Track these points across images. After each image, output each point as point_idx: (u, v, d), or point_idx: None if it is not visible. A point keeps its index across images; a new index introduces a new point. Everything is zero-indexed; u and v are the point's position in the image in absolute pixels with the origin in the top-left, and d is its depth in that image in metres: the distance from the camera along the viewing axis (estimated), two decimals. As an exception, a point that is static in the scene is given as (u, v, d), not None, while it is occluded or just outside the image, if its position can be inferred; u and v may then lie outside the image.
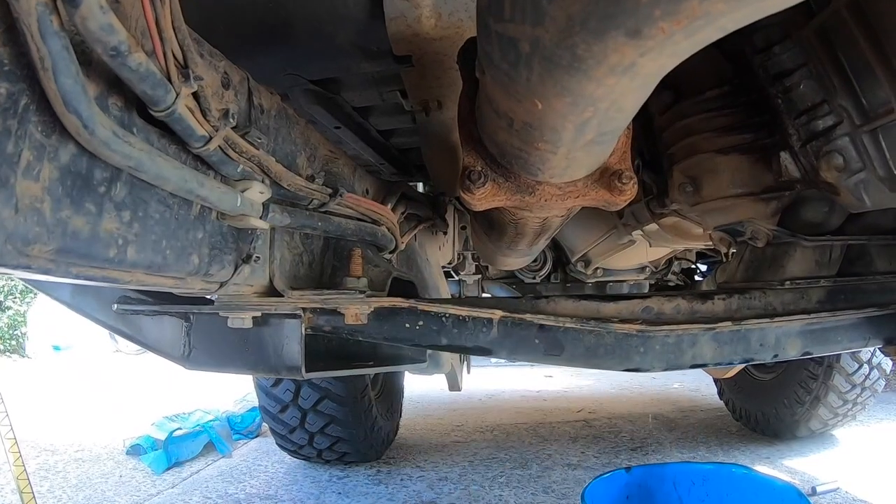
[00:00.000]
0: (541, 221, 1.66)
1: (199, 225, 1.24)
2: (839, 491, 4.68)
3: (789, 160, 1.83)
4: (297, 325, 1.71)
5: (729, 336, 1.89)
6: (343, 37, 1.64)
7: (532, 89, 0.77)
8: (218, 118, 1.06)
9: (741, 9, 0.55)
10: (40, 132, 0.81)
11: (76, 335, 14.58)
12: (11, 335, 14.82)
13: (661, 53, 0.62)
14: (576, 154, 1.02)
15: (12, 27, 0.75)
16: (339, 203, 1.58)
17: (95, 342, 14.67)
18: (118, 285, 1.12)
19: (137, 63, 0.83)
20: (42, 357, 14.45)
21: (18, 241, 0.80)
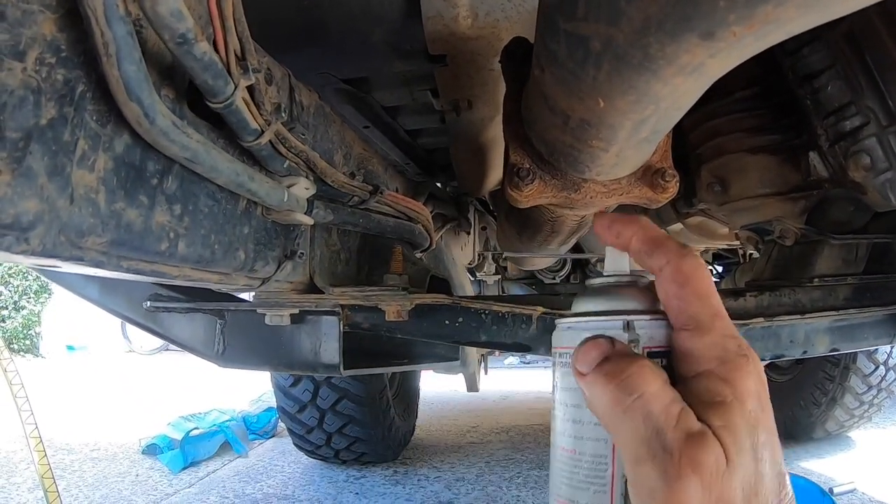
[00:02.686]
0: (579, 219, 1.67)
1: (246, 220, 1.25)
2: (856, 492, 4.67)
3: (818, 160, 1.84)
4: (336, 323, 1.71)
5: (760, 332, 1.90)
6: (378, 36, 1.65)
7: (597, 87, 0.78)
8: (270, 112, 1.07)
9: (810, 14, 0.56)
10: (95, 121, 0.81)
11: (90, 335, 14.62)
12: (26, 335, 14.85)
13: (728, 55, 0.63)
14: (627, 152, 1.03)
15: (71, 12, 0.75)
16: (379, 201, 1.59)
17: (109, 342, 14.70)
18: (165, 280, 1.12)
19: (202, 52, 0.83)
20: (56, 357, 14.49)
21: (72, 233, 0.80)
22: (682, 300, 0.72)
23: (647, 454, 0.67)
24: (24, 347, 14.71)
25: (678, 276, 0.73)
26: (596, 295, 0.79)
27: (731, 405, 0.67)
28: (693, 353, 0.71)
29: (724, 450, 0.65)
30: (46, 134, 0.74)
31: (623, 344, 0.73)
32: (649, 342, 0.74)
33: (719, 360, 0.69)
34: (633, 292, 0.78)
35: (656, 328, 0.74)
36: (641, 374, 0.69)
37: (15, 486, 5.40)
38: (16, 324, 14.80)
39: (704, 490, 0.64)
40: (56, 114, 0.75)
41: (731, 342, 0.70)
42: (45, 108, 0.73)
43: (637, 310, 0.76)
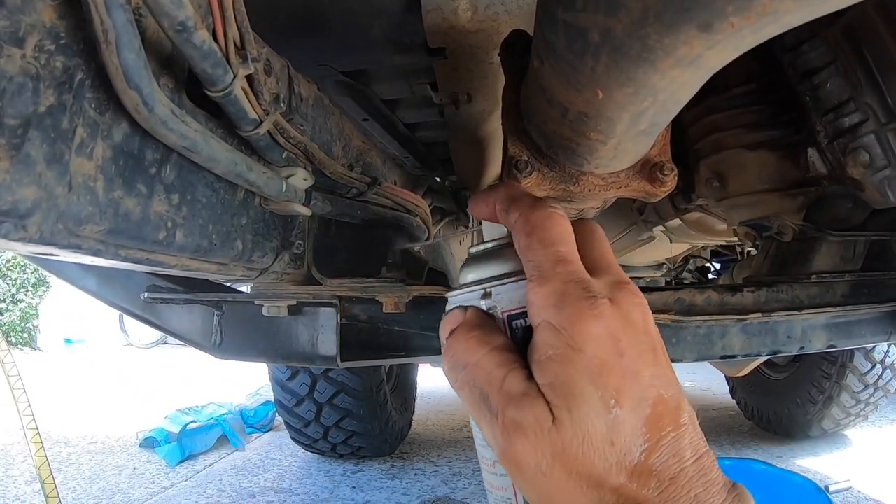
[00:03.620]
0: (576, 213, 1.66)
1: (244, 210, 1.25)
2: (851, 490, 4.69)
3: (816, 156, 1.84)
4: (333, 314, 1.72)
5: (758, 328, 1.90)
6: (377, 29, 1.64)
7: (596, 79, 0.78)
8: (269, 102, 1.07)
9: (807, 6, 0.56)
10: (94, 109, 0.80)
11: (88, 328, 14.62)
12: (23, 328, 14.86)
13: (726, 47, 0.63)
14: (625, 145, 1.03)
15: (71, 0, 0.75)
16: (377, 192, 1.59)
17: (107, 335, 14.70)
18: (162, 270, 1.12)
19: (201, 40, 0.83)
20: (53, 350, 14.49)
21: (70, 221, 0.79)
22: (527, 249, 0.72)
23: (478, 417, 0.71)
24: (21, 340, 14.72)
25: (525, 227, 0.72)
26: (470, 264, 0.81)
27: (562, 357, 0.66)
28: (535, 304, 0.70)
29: (550, 406, 0.66)
30: (45, 121, 0.73)
31: (474, 314, 0.75)
32: (509, 305, 0.74)
33: (556, 307, 0.68)
34: (500, 256, 0.78)
35: (515, 290, 0.74)
36: (466, 346, 0.72)
37: (12, 478, 5.41)
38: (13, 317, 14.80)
39: (534, 448, 0.66)
40: (55, 101, 0.75)
41: (573, 287, 0.68)
42: (43, 95, 0.73)
43: (499, 275, 0.76)
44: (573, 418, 0.65)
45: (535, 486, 0.68)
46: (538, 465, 0.66)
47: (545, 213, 0.73)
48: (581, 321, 0.67)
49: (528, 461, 0.67)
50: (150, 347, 14.91)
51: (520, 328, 0.74)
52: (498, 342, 0.72)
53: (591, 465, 0.65)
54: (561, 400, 0.66)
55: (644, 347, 0.70)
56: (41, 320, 15.13)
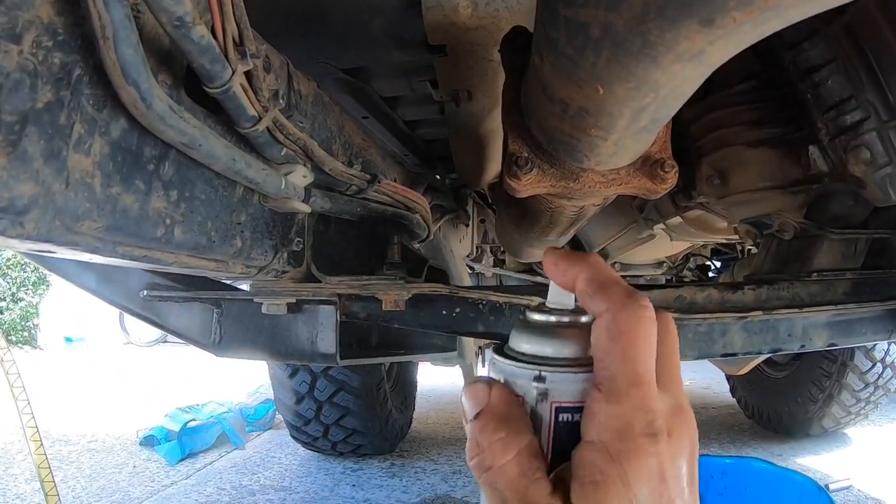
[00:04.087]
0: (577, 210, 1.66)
1: (243, 207, 1.25)
2: (852, 489, 4.68)
3: (818, 154, 1.83)
4: (332, 312, 1.71)
5: (759, 325, 1.90)
6: (377, 25, 1.64)
7: (596, 74, 0.77)
8: (268, 98, 1.07)
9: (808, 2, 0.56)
10: (92, 105, 0.80)
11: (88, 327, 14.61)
12: (24, 326, 14.84)
13: (727, 42, 0.63)
14: (626, 141, 1.03)
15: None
16: (377, 190, 1.59)
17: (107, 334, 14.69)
18: (161, 267, 1.11)
19: (199, 36, 0.82)
20: (54, 348, 14.48)
21: (68, 217, 0.79)
22: (607, 355, 0.66)
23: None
24: (22, 339, 14.69)
25: (611, 328, 0.66)
26: (526, 331, 0.73)
27: (608, 486, 0.63)
28: (596, 418, 0.65)
29: None
30: (42, 117, 0.73)
31: (502, 400, 0.70)
32: (561, 396, 0.68)
33: (619, 434, 0.63)
34: (563, 336, 0.71)
35: (573, 382, 0.68)
36: (491, 447, 0.67)
37: (12, 476, 5.41)
38: (14, 315, 14.78)
39: None
40: (52, 97, 0.74)
41: (640, 417, 0.64)
42: (41, 91, 0.73)
43: (558, 358, 0.70)
44: None
45: None
46: None
47: (636, 317, 0.66)
48: (638, 457, 0.63)
49: None
50: (151, 346, 14.89)
51: (565, 422, 0.68)
52: (524, 443, 0.67)
53: None
54: None
55: (683, 485, 0.67)
56: (41, 319, 15.10)
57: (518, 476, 0.66)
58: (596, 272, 0.70)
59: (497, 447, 0.66)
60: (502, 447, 0.66)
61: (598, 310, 0.67)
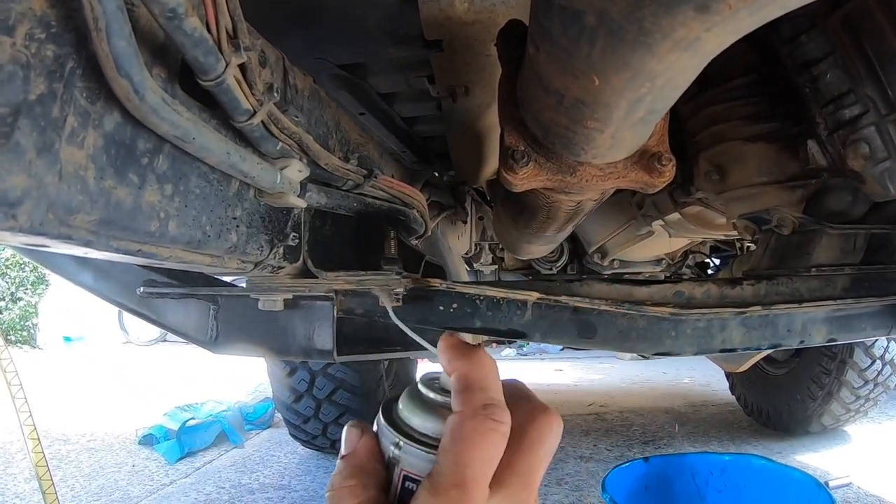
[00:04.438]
0: (574, 205, 1.66)
1: (238, 202, 1.24)
2: (851, 486, 4.68)
3: (816, 148, 1.83)
4: (329, 308, 1.71)
5: (758, 321, 1.89)
6: (373, 20, 1.63)
7: (592, 64, 0.77)
8: (263, 92, 1.06)
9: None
10: (85, 98, 0.80)
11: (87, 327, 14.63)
12: (23, 326, 14.86)
13: (724, 29, 0.62)
14: (622, 133, 1.02)
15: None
16: (374, 185, 1.58)
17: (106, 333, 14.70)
18: (156, 261, 1.11)
19: (192, 28, 0.82)
20: (53, 348, 14.49)
21: (61, 210, 0.79)
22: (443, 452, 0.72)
23: None
24: (21, 339, 14.71)
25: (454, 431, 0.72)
26: (409, 397, 0.81)
27: None
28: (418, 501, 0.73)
29: None
30: (35, 110, 0.73)
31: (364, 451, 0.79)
32: (410, 468, 0.75)
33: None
34: (432, 414, 0.78)
35: (422, 459, 0.75)
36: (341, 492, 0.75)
37: (11, 476, 5.42)
38: (13, 315, 14.80)
39: None
40: (45, 89, 0.74)
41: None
42: (34, 83, 0.72)
43: (418, 432, 0.77)
44: None
45: None
46: None
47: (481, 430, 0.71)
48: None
49: None
50: (150, 345, 14.91)
51: (409, 490, 0.75)
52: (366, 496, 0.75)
53: None
54: None
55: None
56: (40, 318, 15.13)
57: None
58: (470, 372, 0.76)
59: (345, 493, 0.75)
60: (349, 493, 0.75)
61: (455, 408, 0.73)
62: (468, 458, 0.70)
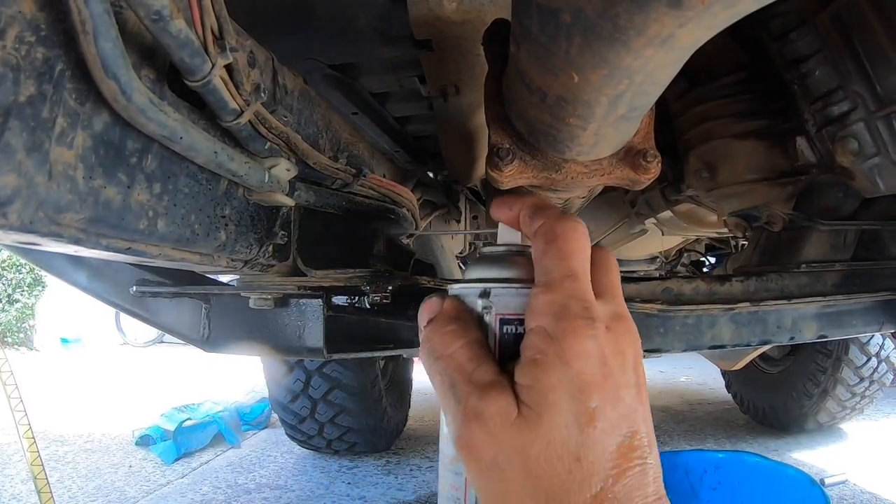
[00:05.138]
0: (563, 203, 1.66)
1: (227, 201, 1.25)
2: (847, 483, 4.69)
3: (805, 145, 1.84)
4: (319, 306, 1.72)
5: (747, 317, 1.90)
6: (363, 20, 1.64)
7: (570, 61, 0.78)
8: (250, 92, 1.07)
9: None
10: (74, 99, 0.81)
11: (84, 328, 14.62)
12: (20, 328, 14.83)
13: (698, 25, 0.63)
14: (605, 130, 1.03)
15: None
16: (363, 184, 1.59)
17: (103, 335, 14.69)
18: (146, 260, 1.12)
19: (178, 29, 0.83)
20: (50, 350, 14.47)
21: (50, 209, 0.80)
22: (543, 256, 0.74)
23: (445, 405, 0.74)
24: (18, 340, 14.68)
25: (547, 234, 0.74)
26: (477, 263, 0.82)
27: (547, 364, 0.68)
28: (535, 308, 0.71)
29: (519, 403, 0.68)
30: (25, 111, 0.74)
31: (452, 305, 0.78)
32: (504, 309, 0.76)
33: (555, 317, 0.69)
34: (509, 262, 0.80)
35: (514, 296, 0.76)
36: (442, 338, 0.75)
37: (8, 477, 5.42)
38: (10, 317, 14.77)
39: (489, 437, 0.68)
40: (35, 91, 0.75)
41: (576, 303, 0.70)
42: (23, 85, 0.73)
43: (501, 277, 0.78)
44: (542, 421, 0.66)
45: (490, 481, 0.69)
46: (495, 458, 0.68)
47: (569, 226, 0.74)
48: (575, 336, 0.68)
49: (485, 452, 0.68)
50: (147, 346, 14.90)
51: (510, 334, 0.75)
52: (473, 336, 0.74)
53: (554, 474, 0.66)
54: (534, 403, 0.67)
55: (630, 380, 0.71)
56: (37, 320, 15.10)
57: (466, 360, 0.72)
58: (533, 201, 0.80)
59: (448, 337, 0.75)
60: (452, 337, 0.74)
61: (536, 226, 0.76)
62: (569, 249, 0.73)
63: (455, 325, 0.75)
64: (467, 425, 0.69)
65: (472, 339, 0.74)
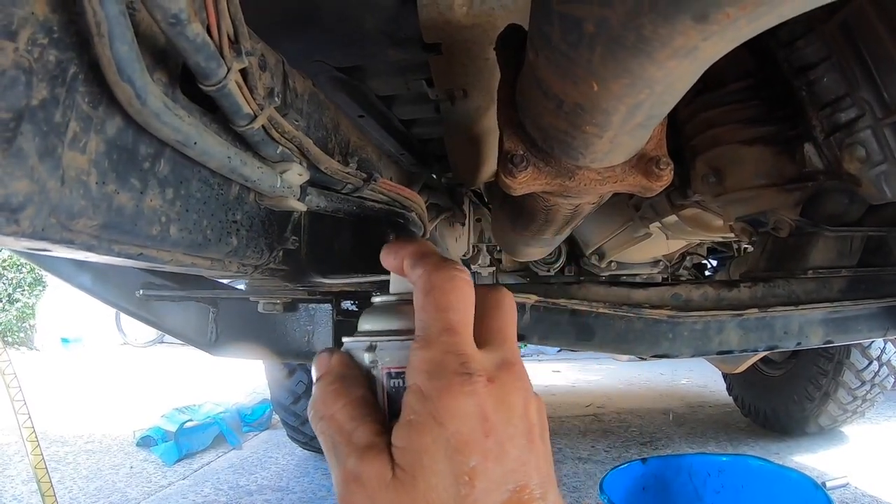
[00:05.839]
0: (573, 208, 1.66)
1: (238, 206, 1.24)
2: (849, 487, 4.69)
3: (813, 152, 1.84)
4: (329, 311, 1.72)
5: (754, 323, 1.91)
6: (371, 23, 1.63)
7: (592, 70, 0.77)
8: (263, 96, 1.07)
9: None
10: (87, 103, 0.80)
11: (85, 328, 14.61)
12: (20, 327, 14.83)
13: (722, 38, 0.63)
14: (621, 138, 1.03)
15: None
16: (373, 188, 1.58)
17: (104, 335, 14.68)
18: (157, 265, 1.11)
19: (195, 33, 0.82)
20: (50, 350, 14.46)
21: (63, 215, 0.78)
22: (421, 309, 0.73)
23: (329, 465, 0.75)
24: (18, 340, 14.69)
25: (425, 285, 0.74)
26: (367, 314, 0.84)
27: (420, 425, 0.67)
28: (412, 364, 0.71)
29: (395, 465, 0.67)
30: (37, 115, 0.73)
31: (339, 362, 0.79)
32: (390, 363, 0.76)
33: (430, 374, 0.69)
34: (396, 312, 0.81)
35: (399, 349, 0.75)
36: (325, 397, 0.75)
37: (9, 478, 5.41)
38: (10, 316, 14.77)
39: (368, 499, 0.68)
40: (48, 94, 0.74)
41: (452, 359, 0.69)
42: (36, 88, 0.72)
43: (389, 330, 0.79)
44: (417, 484, 0.66)
45: None
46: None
47: (448, 276, 0.74)
48: (450, 395, 0.67)
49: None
50: (147, 346, 14.90)
51: (397, 387, 0.75)
52: (356, 395, 0.75)
53: None
54: (409, 465, 0.67)
55: (517, 431, 0.70)
56: (38, 320, 15.10)
57: (347, 420, 0.73)
58: (417, 248, 0.81)
59: (330, 397, 0.75)
60: (334, 396, 0.75)
61: (416, 275, 0.75)
62: (447, 302, 0.72)
63: (339, 384, 0.76)
64: (347, 487, 0.70)
65: (355, 397, 0.74)
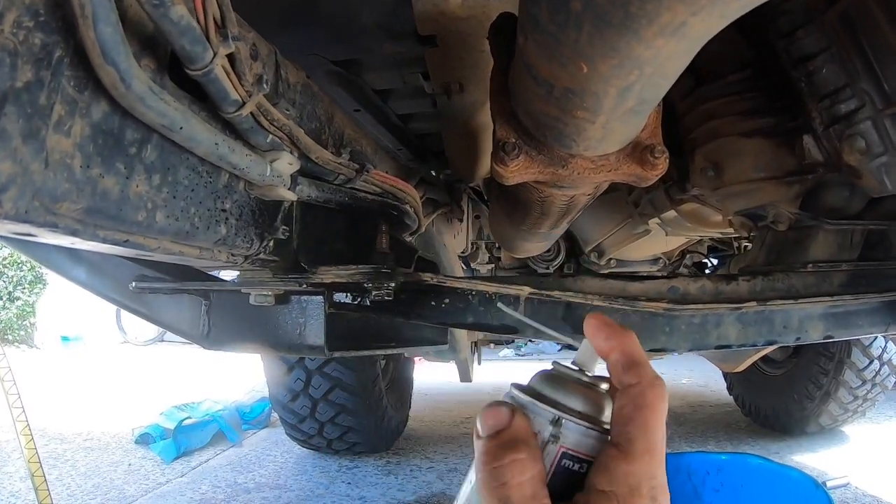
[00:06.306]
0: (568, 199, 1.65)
1: (227, 194, 1.24)
2: (849, 486, 4.68)
3: (812, 143, 1.83)
4: (320, 303, 1.70)
5: (753, 317, 1.89)
6: (367, 16, 1.63)
7: (579, 51, 0.77)
8: (252, 83, 1.06)
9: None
10: (73, 87, 0.80)
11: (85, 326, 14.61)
12: (20, 325, 14.82)
13: (711, 14, 0.62)
14: (613, 124, 1.01)
15: (49, -25, 0.74)
16: (365, 179, 1.57)
17: (104, 333, 14.69)
18: (144, 253, 1.11)
19: (179, 16, 0.82)
20: (50, 348, 14.47)
21: (47, 198, 0.79)
22: (630, 421, 0.74)
23: None
24: (18, 338, 14.67)
25: (640, 399, 0.74)
26: (555, 382, 0.80)
27: None
28: (610, 472, 0.73)
29: None
30: (22, 97, 0.73)
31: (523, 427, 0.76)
32: (572, 445, 0.75)
33: (630, 490, 0.71)
34: (583, 393, 0.79)
35: (586, 437, 0.75)
36: (513, 465, 0.73)
37: (7, 475, 5.41)
38: (10, 314, 14.76)
39: None
40: (32, 77, 0.74)
41: (647, 482, 0.72)
42: (21, 70, 0.73)
43: (575, 409, 0.77)
44: None
45: None
46: None
47: (661, 395, 0.76)
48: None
49: None
50: (147, 345, 14.91)
51: (566, 469, 0.75)
52: (539, 470, 0.74)
53: None
54: None
55: None
56: (38, 318, 15.09)
57: (530, 497, 0.72)
58: (632, 348, 0.78)
59: (517, 466, 0.73)
60: (521, 467, 0.73)
61: (628, 381, 0.76)
62: (654, 423, 0.74)
63: (525, 455, 0.74)
64: None
65: (538, 473, 0.74)
